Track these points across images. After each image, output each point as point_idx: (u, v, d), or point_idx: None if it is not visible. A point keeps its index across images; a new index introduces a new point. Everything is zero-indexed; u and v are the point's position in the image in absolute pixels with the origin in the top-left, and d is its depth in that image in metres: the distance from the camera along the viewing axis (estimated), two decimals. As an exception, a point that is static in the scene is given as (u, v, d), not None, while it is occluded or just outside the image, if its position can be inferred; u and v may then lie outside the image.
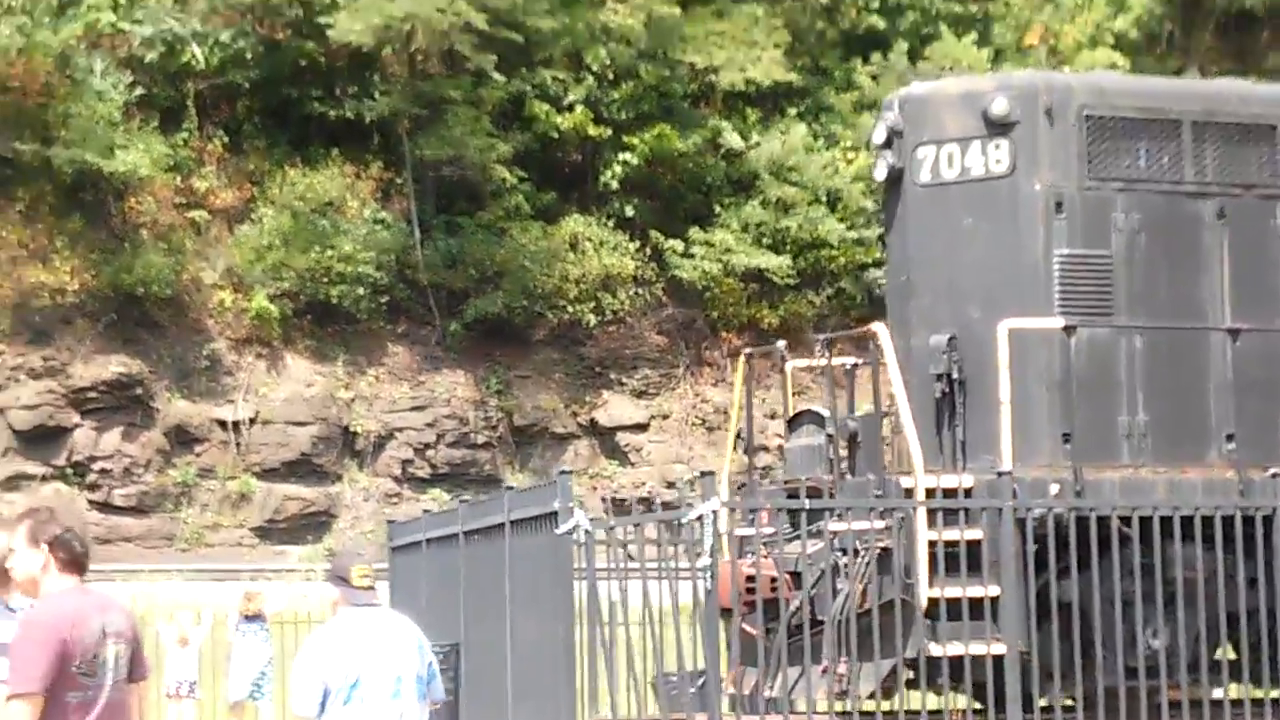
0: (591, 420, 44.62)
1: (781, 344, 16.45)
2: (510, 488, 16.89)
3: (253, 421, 41.98)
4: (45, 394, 40.73)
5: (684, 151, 45.99)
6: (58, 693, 7.44)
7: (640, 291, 45.81)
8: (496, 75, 45.08)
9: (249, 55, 45.07)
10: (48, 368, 40.92)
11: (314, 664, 8.90)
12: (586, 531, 12.87)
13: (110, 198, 43.47)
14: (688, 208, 46.83)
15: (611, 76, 46.52)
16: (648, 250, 45.94)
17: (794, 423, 15.00)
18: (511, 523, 14.03)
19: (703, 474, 13.22)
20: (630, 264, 45.41)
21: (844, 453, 14.71)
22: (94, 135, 42.04)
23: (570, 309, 44.65)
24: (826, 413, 14.52)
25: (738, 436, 17.40)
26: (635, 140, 45.79)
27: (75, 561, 7.68)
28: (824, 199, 46.15)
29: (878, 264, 42.02)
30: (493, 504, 15.09)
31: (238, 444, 41.77)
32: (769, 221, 45.58)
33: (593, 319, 44.73)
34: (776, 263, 45.03)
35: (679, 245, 45.50)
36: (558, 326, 44.54)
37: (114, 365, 41.37)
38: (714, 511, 12.64)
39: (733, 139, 46.52)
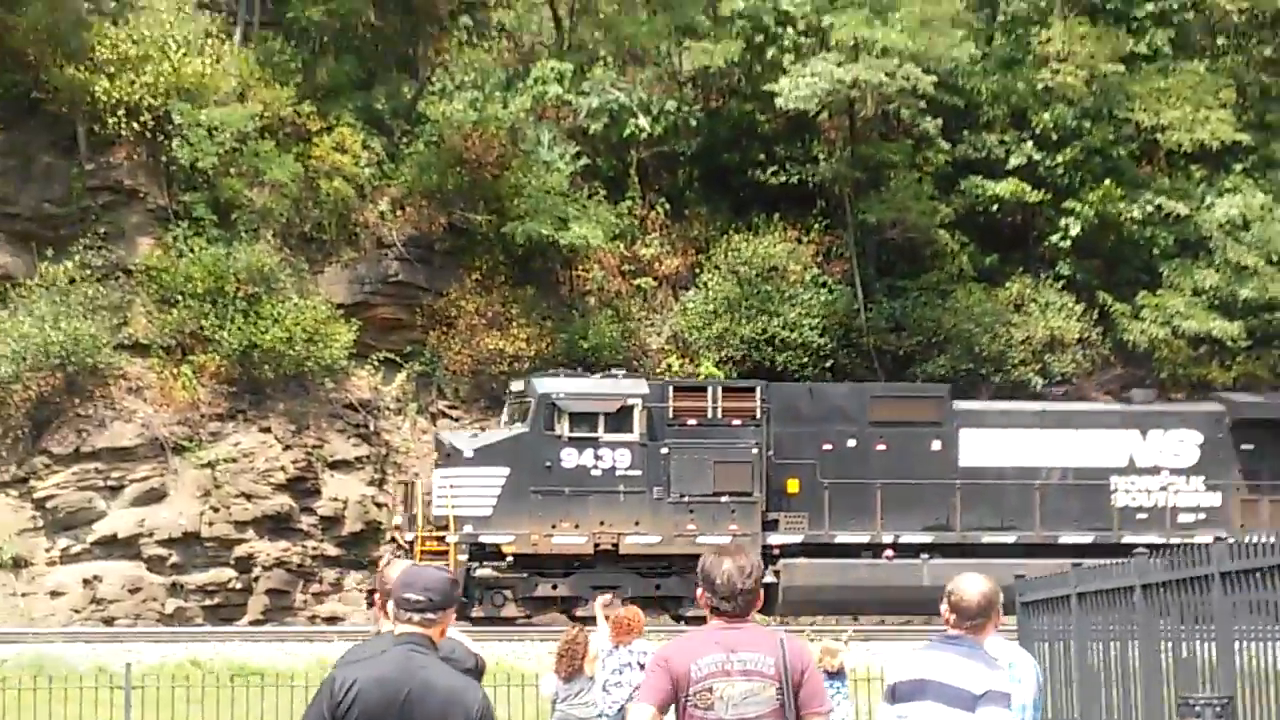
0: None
1: None
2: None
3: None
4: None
5: (1131, 217, 45.19)
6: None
7: (1087, 353, 45.16)
8: (941, 142, 45.02)
9: (692, 123, 45.64)
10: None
11: None
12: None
13: (559, 266, 44.37)
14: (1133, 269, 46.02)
15: (1054, 138, 45.96)
16: (1094, 313, 45.25)
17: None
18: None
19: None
20: (1076, 326, 44.77)
21: None
22: (544, 206, 42.97)
23: (1016, 371, 44.17)
24: None
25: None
26: (1077, 205, 45.17)
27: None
28: (1276, 260, 44.86)
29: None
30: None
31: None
32: (1221, 285, 44.43)
33: (1039, 380, 44.16)
34: (1229, 329, 43.82)
35: (1127, 309, 44.72)
36: (1003, 388, 44.06)
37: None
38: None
39: (1178, 206, 45.42)
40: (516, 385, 37.14)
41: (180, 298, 41.01)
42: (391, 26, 47.08)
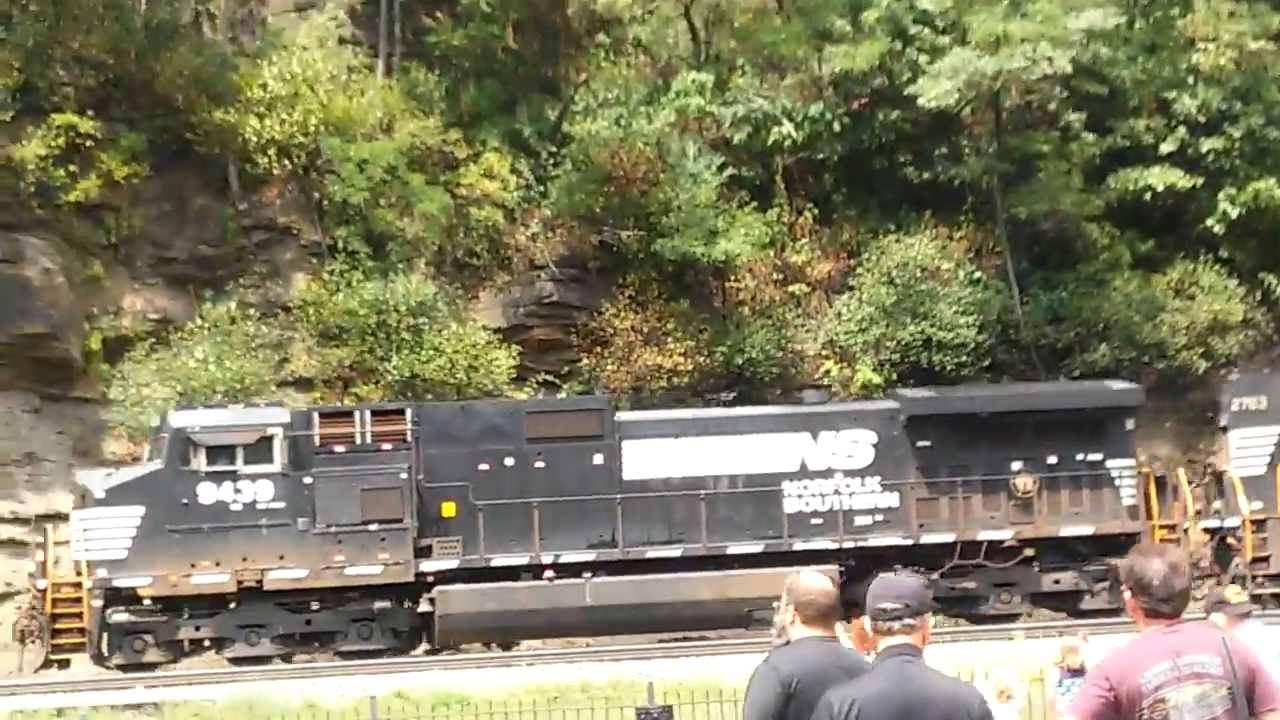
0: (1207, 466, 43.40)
1: None
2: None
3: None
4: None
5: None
6: None
7: (1251, 334, 44.60)
8: (1087, 135, 44.62)
9: (836, 127, 45.48)
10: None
11: None
12: None
13: (710, 278, 44.36)
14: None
15: (1203, 121, 45.39)
16: (1257, 294, 44.68)
17: None
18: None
19: None
20: (1239, 308, 44.21)
21: None
22: (694, 221, 43.02)
23: (1179, 356, 43.68)
24: None
25: None
26: (1233, 190, 44.61)
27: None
28: None
29: None
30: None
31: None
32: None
33: (1202, 364, 43.63)
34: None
35: (1291, 286, 44.18)
36: (1166, 375, 43.54)
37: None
38: None
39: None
40: (158, 421, 35.40)
41: (340, 331, 41.40)
42: (530, 49, 47.34)
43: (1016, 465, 35.77)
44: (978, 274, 44.66)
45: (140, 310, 42.07)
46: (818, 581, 8.11)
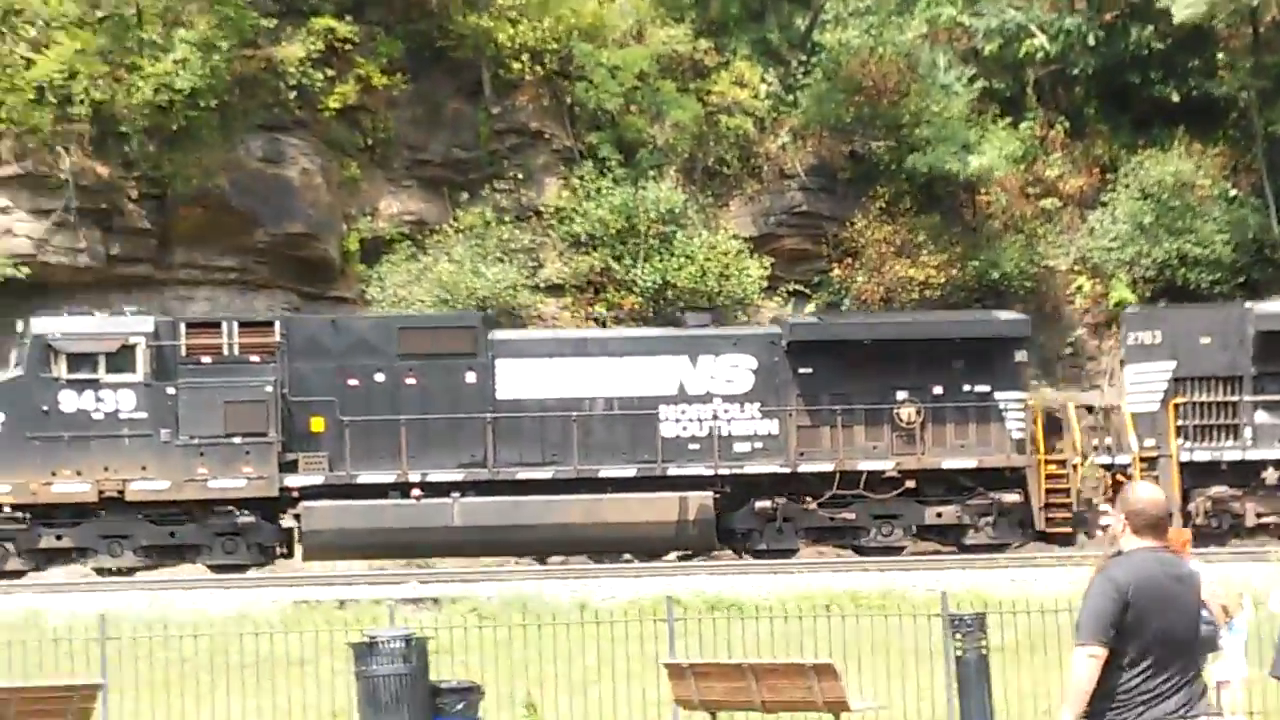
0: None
1: None
2: None
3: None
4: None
5: None
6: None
7: None
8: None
9: (1090, 41, 44.77)
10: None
11: None
12: None
13: (960, 191, 43.95)
14: None
15: None
16: None
17: None
18: None
19: None
20: None
21: None
22: (946, 133, 42.64)
23: None
24: None
25: None
26: None
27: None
28: None
29: None
30: None
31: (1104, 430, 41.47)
32: None
33: None
34: None
35: None
36: None
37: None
38: None
39: None
40: (23, 326, 34.41)
41: (590, 238, 41.53)
42: (779, -43, 47.02)
43: (901, 395, 35.10)
44: (1234, 192, 43.86)
45: (396, 212, 42.44)
46: (1149, 492, 8.56)
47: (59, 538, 33.34)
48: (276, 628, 23.99)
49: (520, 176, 42.93)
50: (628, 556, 35.50)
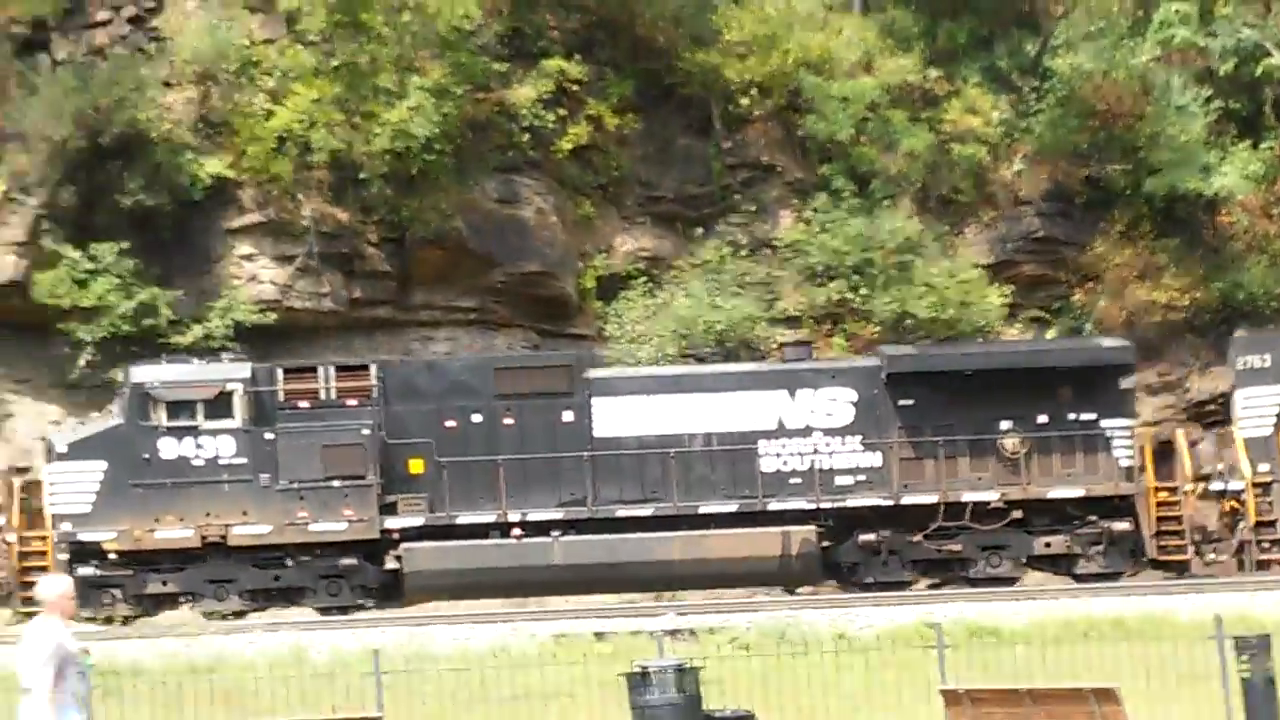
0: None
1: None
2: None
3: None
4: (1163, 410, 41.06)
5: None
6: None
7: None
8: None
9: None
10: (1164, 383, 41.25)
11: None
12: None
13: (1201, 213, 43.28)
14: None
15: None
16: None
17: None
18: None
19: None
20: None
21: None
22: (1183, 156, 42.05)
23: None
24: None
25: None
26: None
27: None
28: None
29: None
30: None
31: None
32: None
33: None
34: None
35: None
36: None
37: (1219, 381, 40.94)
38: None
39: None
40: (123, 375, 34.89)
41: (826, 269, 41.46)
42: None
43: (1005, 425, 34.36)
44: None
45: (631, 249, 42.67)
46: None
47: (164, 583, 33.82)
48: (536, 661, 24.20)
49: (754, 210, 43.00)
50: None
